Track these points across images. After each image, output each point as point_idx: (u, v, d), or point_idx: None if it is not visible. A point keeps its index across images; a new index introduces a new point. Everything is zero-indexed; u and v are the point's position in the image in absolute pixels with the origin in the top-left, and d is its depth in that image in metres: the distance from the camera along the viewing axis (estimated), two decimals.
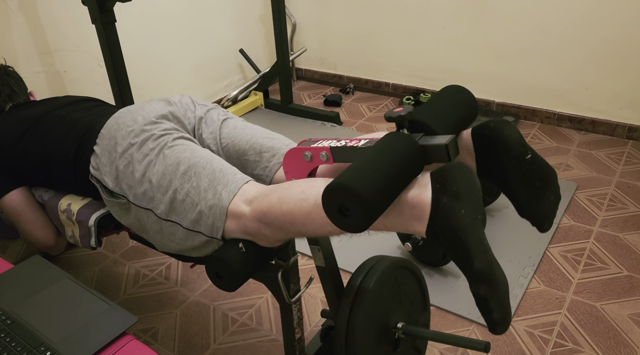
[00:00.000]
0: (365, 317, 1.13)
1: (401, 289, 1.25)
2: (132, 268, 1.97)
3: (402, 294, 1.26)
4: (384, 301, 1.20)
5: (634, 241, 1.94)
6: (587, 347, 1.54)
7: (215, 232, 1.10)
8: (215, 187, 1.11)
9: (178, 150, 1.18)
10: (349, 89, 3.35)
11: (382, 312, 1.19)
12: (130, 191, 1.20)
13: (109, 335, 0.92)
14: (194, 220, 1.12)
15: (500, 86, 2.88)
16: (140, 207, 1.19)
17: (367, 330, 1.14)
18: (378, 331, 1.18)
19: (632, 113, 2.57)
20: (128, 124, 1.24)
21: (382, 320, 1.20)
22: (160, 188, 1.15)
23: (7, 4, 2.10)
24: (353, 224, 0.86)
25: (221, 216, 1.09)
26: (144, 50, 2.69)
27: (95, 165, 1.26)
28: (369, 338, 1.15)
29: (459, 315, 1.67)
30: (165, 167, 1.15)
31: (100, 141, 1.26)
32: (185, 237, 1.15)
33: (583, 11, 2.48)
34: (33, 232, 1.46)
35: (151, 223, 1.18)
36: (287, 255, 1.21)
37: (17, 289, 1.04)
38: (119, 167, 1.21)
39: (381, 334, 1.19)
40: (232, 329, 1.69)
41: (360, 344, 1.12)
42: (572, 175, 2.36)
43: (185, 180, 1.13)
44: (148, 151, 1.19)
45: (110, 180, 1.23)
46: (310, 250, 1.19)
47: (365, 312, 1.13)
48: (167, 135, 1.22)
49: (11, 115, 1.50)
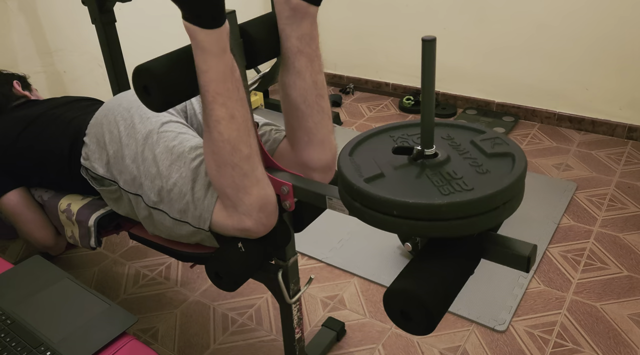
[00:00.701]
0: None
1: None
2: (132, 268, 1.97)
3: None
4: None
5: (634, 241, 1.94)
6: (587, 347, 1.54)
7: (202, 223, 1.10)
8: (203, 178, 1.10)
9: (167, 137, 1.16)
10: (348, 89, 3.35)
11: None
12: (120, 177, 1.19)
13: (109, 335, 0.92)
14: (181, 211, 1.11)
15: (500, 86, 2.88)
16: (130, 193, 1.19)
17: None
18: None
19: (632, 113, 2.57)
20: (116, 109, 1.24)
21: None
22: (148, 175, 1.14)
23: (7, 4, 2.10)
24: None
25: (209, 207, 1.09)
26: (144, 50, 2.68)
27: (85, 155, 1.26)
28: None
29: (458, 315, 1.67)
30: (154, 155, 1.14)
31: (89, 130, 1.26)
32: (172, 226, 1.14)
33: (583, 11, 2.48)
34: (32, 233, 1.46)
35: (140, 209, 1.18)
36: (287, 255, 1.22)
37: (17, 289, 1.04)
38: (109, 152, 1.20)
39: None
40: (232, 329, 1.69)
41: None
42: (572, 175, 2.36)
43: (174, 170, 1.12)
44: (137, 136, 1.18)
45: (101, 166, 1.22)
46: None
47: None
48: (155, 117, 1.20)
49: (10, 116, 1.51)
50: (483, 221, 0.78)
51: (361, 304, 1.75)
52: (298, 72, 1.10)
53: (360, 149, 0.93)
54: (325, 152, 1.17)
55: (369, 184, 0.82)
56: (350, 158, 0.89)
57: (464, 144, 0.91)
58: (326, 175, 1.20)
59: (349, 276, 1.87)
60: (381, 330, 1.65)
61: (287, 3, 1.06)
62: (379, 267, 1.88)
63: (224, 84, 0.97)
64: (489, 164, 0.85)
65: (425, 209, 0.76)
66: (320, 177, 1.19)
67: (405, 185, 0.82)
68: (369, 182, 0.82)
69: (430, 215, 0.76)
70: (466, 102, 3.02)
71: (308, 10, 1.07)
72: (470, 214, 0.77)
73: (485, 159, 0.86)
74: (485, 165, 0.85)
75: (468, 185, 0.79)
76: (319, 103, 1.12)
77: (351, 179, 0.83)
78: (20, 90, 1.66)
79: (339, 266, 1.90)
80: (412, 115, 3.03)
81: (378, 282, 1.82)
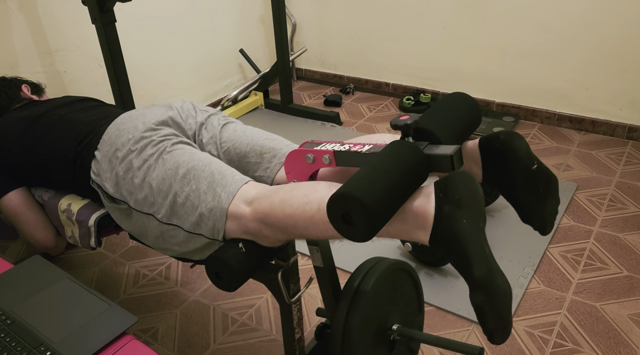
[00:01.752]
0: (362, 318, 1.13)
1: (397, 290, 1.25)
2: (132, 268, 1.98)
3: (398, 295, 1.26)
4: (381, 303, 1.20)
5: (633, 241, 1.94)
6: (586, 347, 1.54)
7: (216, 234, 1.11)
8: (214, 189, 1.11)
9: (177, 154, 1.19)
10: (349, 89, 3.36)
11: (379, 314, 1.19)
12: (130, 197, 1.20)
13: (109, 335, 0.92)
14: (194, 223, 1.12)
15: (500, 86, 2.88)
16: (141, 213, 1.19)
17: (363, 332, 1.14)
18: (374, 333, 1.18)
19: (632, 113, 2.57)
20: (128, 130, 1.25)
21: (379, 321, 1.20)
22: (160, 192, 1.15)
23: (7, 4, 2.10)
24: (357, 233, 0.87)
25: (221, 218, 1.09)
26: (144, 50, 2.69)
27: (95, 171, 1.27)
28: (365, 339, 1.15)
29: (458, 315, 1.67)
30: (165, 171, 1.16)
31: (102, 147, 1.27)
32: (186, 240, 1.15)
33: (583, 11, 2.48)
34: (32, 233, 1.46)
35: (152, 228, 1.19)
36: (287, 255, 1.22)
37: (17, 289, 1.04)
38: (119, 174, 1.21)
39: (377, 335, 1.19)
40: (232, 329, 1.69)
41: (356, 345, 1.12)
42: (572, 175, 2.36)
43: (185, 184, 1.13)
44: (147, 157, 1.19)
45: (111, 186, 1.23)
46: (309, 250, 1.19)
47: (362, 313, 1.13)
48: (166, 140, 1.23)
49: (12, 115, 1.51)
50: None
51: None
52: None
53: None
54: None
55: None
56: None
57: None
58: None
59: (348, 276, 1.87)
60: None
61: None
62: None
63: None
64: None
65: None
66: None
67: None
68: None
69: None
70: None
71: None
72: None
73: None
74: None
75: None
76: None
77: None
78: (27, 94, 1.67)
79: (339, 266, 1.90)
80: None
81: None
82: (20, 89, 1.67)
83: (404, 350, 1.31)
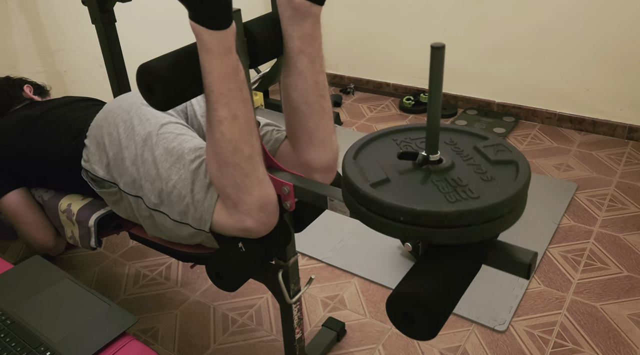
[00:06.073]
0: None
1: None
2: (132, 268, 1.97)
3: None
4: None
5: (634, 241, 1.94)
6: (586, 347, 1.54)
7: (202, 225, 1.10)
8: (202, 179, 1.10)
9: (166, 138, 1.16)
10: (349, 89, 3.35)
11: None
12: (120, 179, 1.19)
13: (109, 335, 0.92)
14: (181, 212, 1.11)
15: (500, 86, 2.88)
16: (130, 195, 1.19)
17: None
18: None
19: (632, 113, 2.57)
20: (114, 110, 1.23)
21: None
22: (148, 177, 1.14)
23: (7, 4, 2.10)
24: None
25: (209, 209, 1.09)
26: (144, 50, 2.69)
27: (85, 157, 1.26)
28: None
29: (458, 315, 1.67)
30: (154, 157, 1.14)
31: (90, 133, 1.26)
32: (173, 228, 1.15)
33: (584, 11, 2.48)
34: (32, 234, 1.46)
35: (142, 211, 1.18)
36: (287, 255, 1.22)
37: (17, 289, 1.04)
38: (109, 155, 1.20)
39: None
40: (232, 329, 1.69)
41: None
42: (573, 175, 2.36)
43: (173, 172, 1.12)
44: (136, 136, 1.17)
45: (101, 168, 1.22)
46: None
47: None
48: (154, 119, 1.20)
49: (12, 115, 1.51)
50: (488, 229, 0.79)
51: (361, 304, 1.75)
52: (299, 72, 1.10)
53: (364, 152, 0.92)
54: (327, 152, 1.16)
55: (375, 189, 0.82)
56: (355, 161, 0.89)
57: (467, 149, 0.91)
58: (327, 176, 1.20)
59: (349, 276, 1.87)
60: (381, 330, 1.65)
61: (289, 3, 1.06)
62: (379, 268, 1.88)
63: (227, 85, 0.97)
64: (493, 171, 0.85)
65: (432, 216, 0.76)
66: (322, 178, 1.19)
67: (412, 191, 0.82)
68: (375, 187, 0.82)
69: (437, 222, 0.76)
70: (467, 102, 3.02)
71: (311, 10, 1.07)
72: (476, 222, 0.77)
73: (489, 165, 0.86)
74: (490, 172, 0.85)
75: (474, 193, 0.79)
76: (320, 103, 1.12)
77: (357, 183, 0.82)
78: (29, 94, 1.67)
79: (339, 266, 1.90)
80: (412, 115, 3.03)
81: (378, 282, 1.82)
82: (23, 89, 1.68)
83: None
